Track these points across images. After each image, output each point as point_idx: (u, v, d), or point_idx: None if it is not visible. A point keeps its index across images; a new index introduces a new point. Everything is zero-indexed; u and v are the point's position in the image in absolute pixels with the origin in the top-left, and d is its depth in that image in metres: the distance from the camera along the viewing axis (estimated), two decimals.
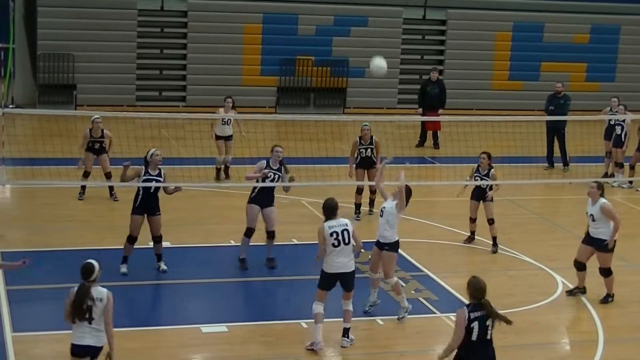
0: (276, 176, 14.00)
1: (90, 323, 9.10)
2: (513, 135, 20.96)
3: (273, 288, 13.69)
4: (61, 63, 26.30)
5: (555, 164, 22.14)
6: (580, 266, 13.67)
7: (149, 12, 27.33)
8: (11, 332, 11.48)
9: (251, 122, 20.90)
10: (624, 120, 20.53)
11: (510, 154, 21.44)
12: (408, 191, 12.43)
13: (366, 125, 16.99)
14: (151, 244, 14.04)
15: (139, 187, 13.50)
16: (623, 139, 20.72)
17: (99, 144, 17.42)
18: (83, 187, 17.56)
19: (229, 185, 17.39)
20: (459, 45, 29.23)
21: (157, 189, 13.54)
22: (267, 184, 13.93)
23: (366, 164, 16.98)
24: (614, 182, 20.88)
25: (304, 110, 27.98)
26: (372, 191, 17.04)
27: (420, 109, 24.00)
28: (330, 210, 11.34)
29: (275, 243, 14.31)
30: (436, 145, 24.28)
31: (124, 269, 13.58)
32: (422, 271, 14.50)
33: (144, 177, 13.44)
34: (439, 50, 29.68)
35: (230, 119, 18.88)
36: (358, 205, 17.18)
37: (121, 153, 17.91)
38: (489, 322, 9.16)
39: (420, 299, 13.05)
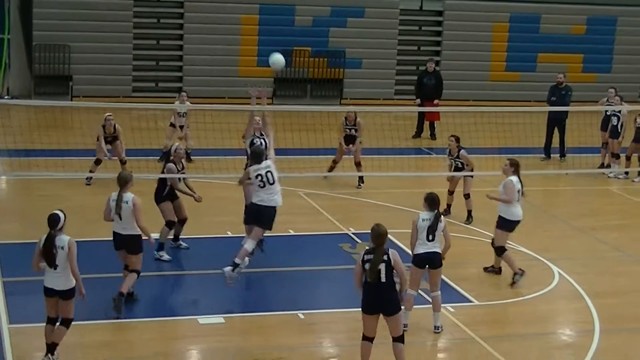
0: (261, 141, 14.22)
1: (55, 269, 10.23)
2: (510, 127, 20.94)
3: (269, 279, 13.66)
4: (57, 54, 26.25)
5: (551, 155, 22.12)
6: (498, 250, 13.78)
7: (145, 3, 27.27)
8: (7, 323, 11.48)
9: (248, 113, 20.78)
10: (620, 111, 20.53)
11: (507, 145, 21.42)
12: (433, 200, 11.78)
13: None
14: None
15: (165, 181, 13.93)
16: (619, 130, 20.72)
17: (111, 138, 17.99)
18: (92, 173, 17.77)
19: (228, 176, 17.34)
20: (456, 36, 29.20)
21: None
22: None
23: (350, 140, 18.99)
24: (610, 172, 20.87)
25: (301, 101, 27.95)
26: (357, 163, 18.85)
27: (418, 100, 23.98)
28: (257, 155, 13.01)
29: (271, 234, 14.27)
30: (433, 136, 24.26)
31: (165, 255, 13.94)
32: None
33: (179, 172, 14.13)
34: (435, 41, 29.65)
35: (186, 112, 19.73)
36: (332, 168, 19.13)
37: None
38: (381, 267, 9.92)
39: (419, 291, 13.02)
